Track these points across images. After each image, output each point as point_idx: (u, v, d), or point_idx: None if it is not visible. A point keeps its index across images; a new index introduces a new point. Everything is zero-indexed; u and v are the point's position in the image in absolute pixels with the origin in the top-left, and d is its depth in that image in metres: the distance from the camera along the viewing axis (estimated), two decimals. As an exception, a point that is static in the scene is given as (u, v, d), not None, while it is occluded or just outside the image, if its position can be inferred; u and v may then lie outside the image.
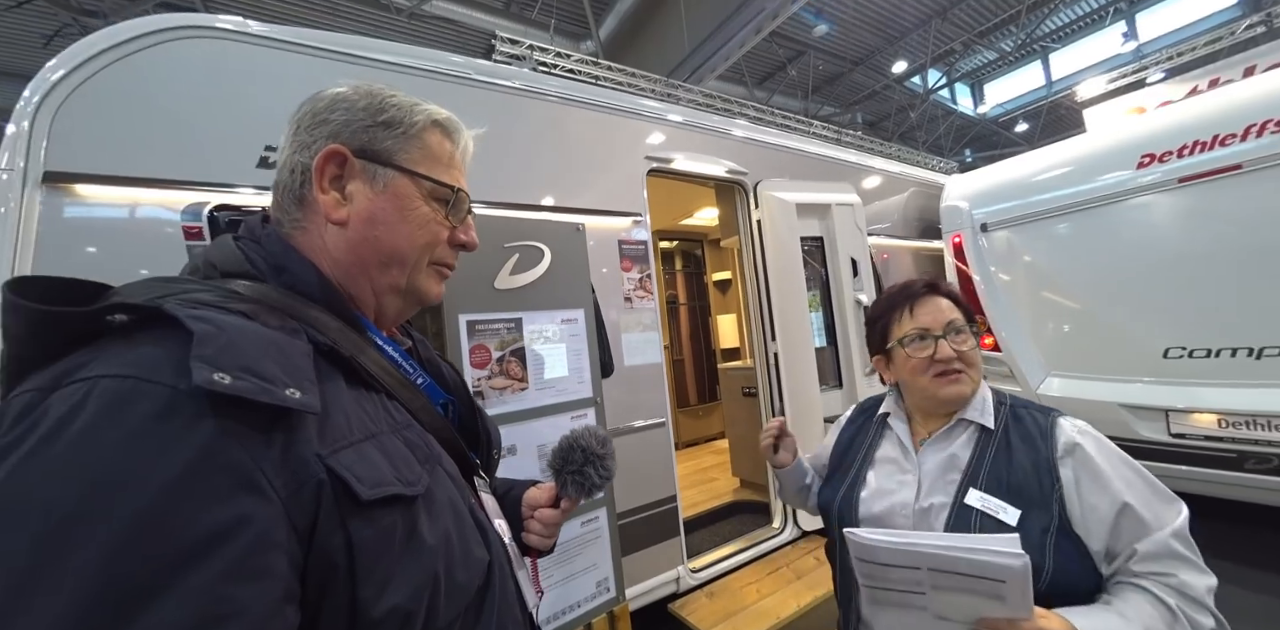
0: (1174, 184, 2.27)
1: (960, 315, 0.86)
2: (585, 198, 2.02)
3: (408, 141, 0.52)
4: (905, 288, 0.91)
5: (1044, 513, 0.72)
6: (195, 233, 1.38)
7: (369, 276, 0.52)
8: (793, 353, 2.46)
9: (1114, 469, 0.72)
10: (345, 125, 0.50)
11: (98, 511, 0.28)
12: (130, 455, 0.30)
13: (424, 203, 0.53)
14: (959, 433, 0.84)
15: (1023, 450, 0.77)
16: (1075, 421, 0.78)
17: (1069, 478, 0.73)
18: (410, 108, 0.53)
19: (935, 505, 0.80)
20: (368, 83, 0.54)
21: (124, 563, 0.28)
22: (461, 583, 0.43)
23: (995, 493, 0.76)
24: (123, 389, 0.32)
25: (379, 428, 0.44)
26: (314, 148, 0.50)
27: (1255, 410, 2.02)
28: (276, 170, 0.53)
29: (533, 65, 4.61)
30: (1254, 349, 2.09)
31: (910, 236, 3.47)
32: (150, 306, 0.36)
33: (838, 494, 0.93)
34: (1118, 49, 7.96)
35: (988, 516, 0.74)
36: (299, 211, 0.51)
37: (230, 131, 1.40)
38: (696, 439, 4.63)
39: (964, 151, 11.42)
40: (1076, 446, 0.74)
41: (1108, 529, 0.70)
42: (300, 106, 0.53)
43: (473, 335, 1.45)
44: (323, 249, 0.51)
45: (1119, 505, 0.69)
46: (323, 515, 0.35)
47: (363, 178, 0.51)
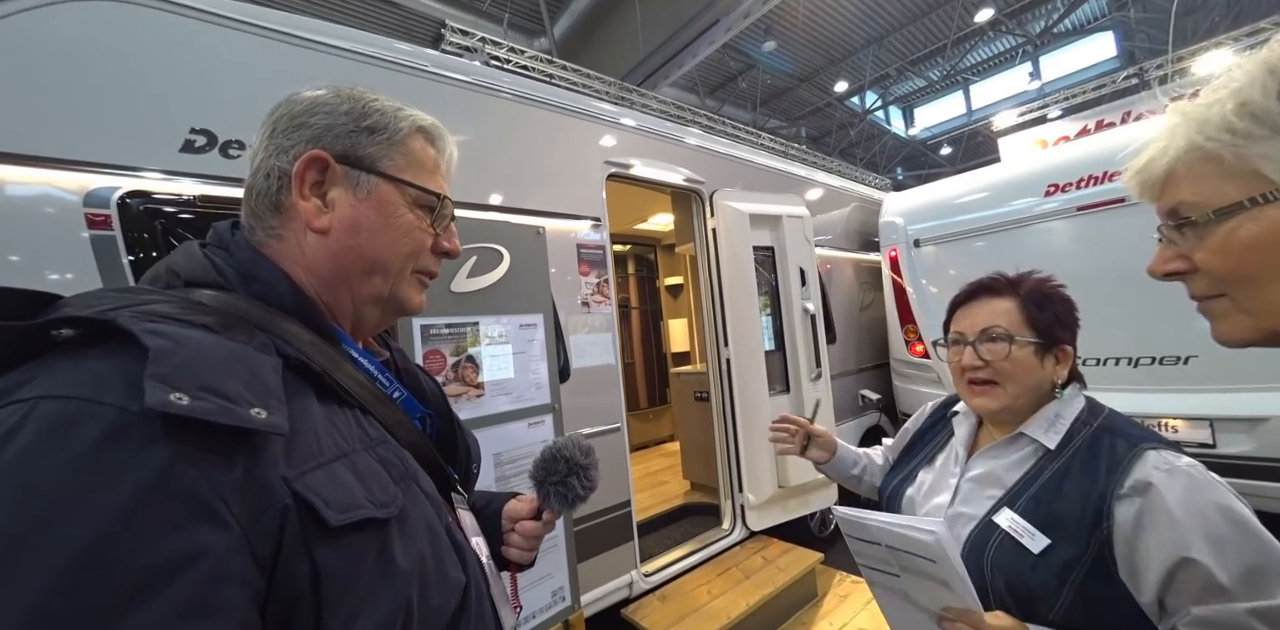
0: (1073, 212, 2.57)
1: (1006, 322, 0.78)
2: (544, 200, 1.99)
3: (392, 148, 0.50)
4: (969, 285, 0.86)
5: (1075, 547, 0.66)
6: (101, 221, 1.22)
7: (350, 286, 0.50)
8: (744, 359, 2.54)
9: (1196, 518, 0.60)
10: (326, 130, 0.48)
11: (34, 545, 0.26)
12: (72, 483, 0.28)
13: (408, 210, 0.51)
14: (1018, 447, 0.78)
15: (1079, 478, 0.69)
16: (1170, 458, 0.66)
17: (1126, 518, 0.64)
18: (394, 113, 0.51)
19: (965, 515, 0.77)
20: (347, 85, 0.51)
21: (64, 601, 0.26)
22: (436, 607, 0.41)
23: (1030, 516, 0.70)
24: (66, 411, 0.30)
25: (351, 446, 0.42)
26: (293, 152, 0.47)
27: (1134, 412, 2.32)
28: (249, 174, 0.50)
29: (485, 59, 4.48)
30: (1132, 358, 2.40)
31: (851, 249, 3.68)
32: (100, 320, 0.33)
33: (890, 485, 0.93)
34: (1025, 86, 8.88)
35: (1009, 537, 0.70)
36: (275, 218, 0.48)
37: (149, 110, 1.25)
38: (646, 442, 4.66)
39: (896, 170, 12.28)
40: (1150, 486, 0.64)
41: (1158, 581, 0.60)
42: (274, 109, 0.50)
43: (427, 340, 1.38)
44: (300, 258, 0.48)
45: (1177, 559, 0.59)
46: (287, 542, 0.33)
47: (345, 184, 0.49)
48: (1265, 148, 0.36)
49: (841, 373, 3.25)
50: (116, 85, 1.21)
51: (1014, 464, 0.78)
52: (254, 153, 0.50)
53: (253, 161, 0.50)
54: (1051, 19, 7.96)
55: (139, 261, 1.20)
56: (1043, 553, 0.67)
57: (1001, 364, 0.77)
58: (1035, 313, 0.78)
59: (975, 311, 0.82)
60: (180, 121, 1.28)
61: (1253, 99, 0.36)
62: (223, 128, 1.32)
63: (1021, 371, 0.77)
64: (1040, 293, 0.80)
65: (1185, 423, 2.24)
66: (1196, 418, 2.21)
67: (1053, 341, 0.78)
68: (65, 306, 0.36)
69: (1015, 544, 0.69)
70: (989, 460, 0.81)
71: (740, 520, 2.55)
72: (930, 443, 0.94)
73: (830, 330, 3.16)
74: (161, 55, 1.27)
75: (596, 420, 2.03)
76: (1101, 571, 0.64)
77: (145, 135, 1.25)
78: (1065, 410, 0.77)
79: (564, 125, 2.11)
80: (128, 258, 1.19)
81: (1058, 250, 2.64)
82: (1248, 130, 0.36)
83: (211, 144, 1.31)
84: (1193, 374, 2.24)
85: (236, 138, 1.34)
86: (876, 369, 3.61)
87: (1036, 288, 0.81)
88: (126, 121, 1.22)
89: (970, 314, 0.83)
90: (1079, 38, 8.57)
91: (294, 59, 1.45)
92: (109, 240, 1.19)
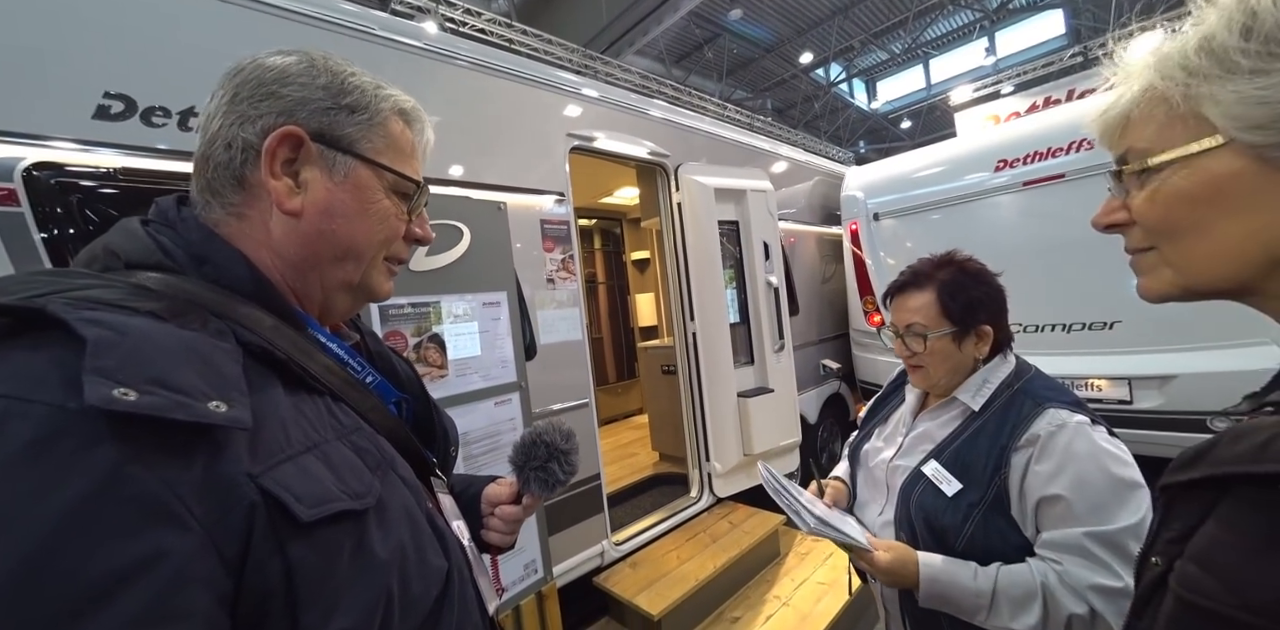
0: (1019, 187, 2.68)
1: (924, 318, 0.88)
2: (505, 174, 1.92)
3: (371, 129, 0.47)
4: (898, 276, 0.95)
5: (978, 490, 0.79)
6: (4, 196, 1.11)
7: (320, 272, 0.47)
8: (710, 332, 2.58)
9: (1071, 464, 0.74)
10: (300, 103, 0.44)
11: None
12: (6, 490, 0.26)
13: (385, 196, 0.49)
14: (951, 409, 0.91)
15: (992, 434, 0.82)
16: (1064, 415, 0.78)
17: (1019, 465, 0.77)
18: (374, 92, 0.48)
19: (901, 466, 0.92)
20: (319, 52, 0.47)
21: (10, 616, 0.24)
22: (417, 595, 0.41)
23: (950, 466, 0.84)
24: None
25: (322, 435, 0.40)
26: (260, 123, 0.43)
27: (1065, 374, 2.51)
28: (203, 143, 0.45)
29: (439, 21, 4.19)
30: (1066, 324, 2.58)
31: (814, 222, 3.74)
32: (27, 308, 0.30)
33: (853, 442, 1.09)
34: (981, 61, 9.04)
35: (931, 483, 0.84)
36: (237, 195, 0.45)
37: (53, 72, 1.12)
38: (615, 416, 4.73)
39: (859, 143, 12.43)
40: (1039, 438, 0.77)
41: (1033, 512, 0.76)
42: (234, 72, 0.45)
43: (386, 321, 1.34)
44: (265, 239, 0.45)
45: (1046, 494, 0.74)
46: (256, 541, 0.32)
47: (320, 165, 0.46)
48: (1213, 87, 0.33)
49: (804, 343, 3.36)
50: (13, 42, 1.08)
51: (945, 423, 0.91)
52: (208, 118, 0.45)
53: (206, 128, 0.45)
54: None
55: (53, 239, 1.10)
56: (954, 496, 0.81)
57: (923, 355, 0.90)
58: (949, 303, 0.88)
59: (901, 306, 0.93)
60: (92, 84, 1.16)
61: (1215, 33, 0.33)
62: (143, 93, 1.20)
63: (940, 358, 0.89)
64: (955, 281, 0.89)
65: (1108, 382, 2.44)
66: (1118, 377, 2.41)
67: (969, 325, 0.88)
68: None
69: (935, 488, 0.83)
70: (927, 421, 0.94)
71: (708, 488, 2.65)
72: (887, 406, 1.09)
73: (793, 302, 3.24)
74: (64, 10, 1.13)
75: (565, 396, 2.04)
76: (999, 509, 0.79)
77: (51, 99, 1.12)
78: (992, 376, 0.89)
79: (525, 96, 2.02)
80: (40, 235, 1.09)
81: (1005, 224, 2.77)
82: (1201, 68, 0.33)
83: (131, 110, 1.19)
84: (1117, 338, 2.43)
85: (160, 104, 1.22)
86: (837, 339, 3.75)
87: (953, 276, 0.90)
88: (26, 83, 1.09)
89: (898, 308, 0.94)
90: (1032, 14, 8.74)
91: (224, 19, 1.32)
92: (15, 217, 1.08)
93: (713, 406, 2.58)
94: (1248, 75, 0.31)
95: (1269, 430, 0.31)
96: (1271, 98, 0.30)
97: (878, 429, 1.06)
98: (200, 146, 0.45)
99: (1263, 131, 0.31)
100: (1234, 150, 0.33)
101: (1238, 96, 0.32)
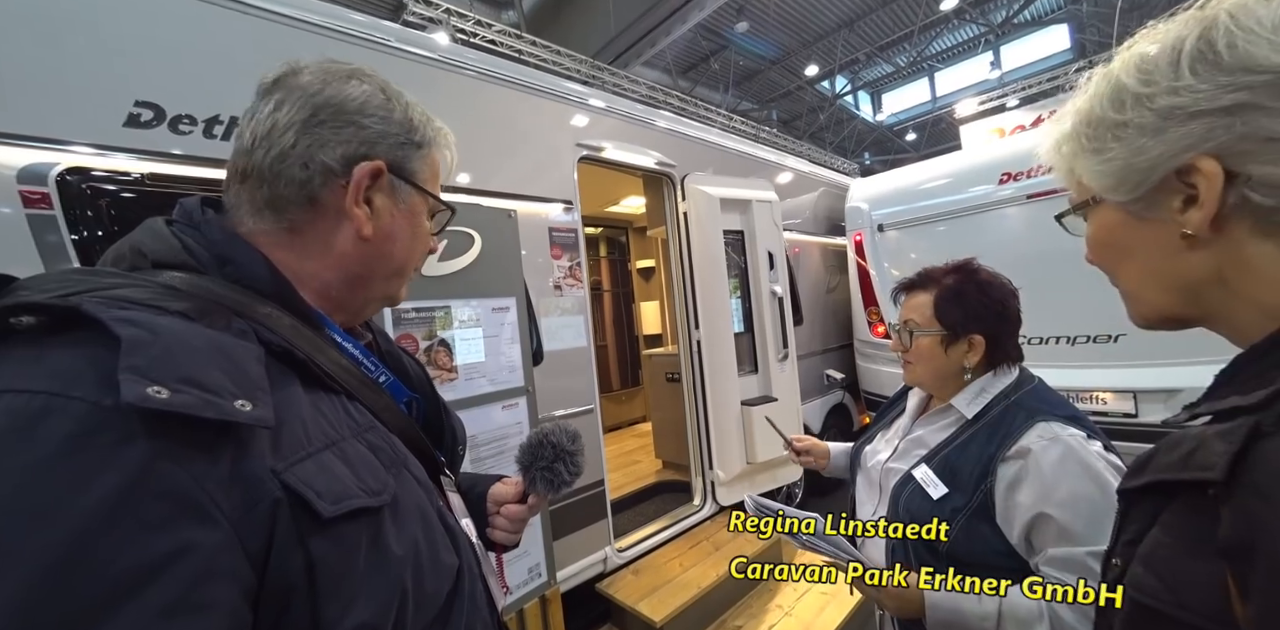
0: (1024, 199, 2.70)
1: (918, 316, 0.93)
2: (515, 182, 1.96)
3: (423, 162, 0.52)
4: (912, 275, 0.98)
5: (963, 496, 0.81)
6: (38, 199, 1.15)
7: (369, 288, 0.51)
8: (714, 341, 2.60)
9: (1062, 481, 0.74)
10: (382, 136, 0.48)
11: (8, 548, 0.25)
12: (45, 483, 0.27)
13: (427, 219, 0.54)
14: (946, 416, 0.93)
15: (982, 443, 0.84)
16: (1056, 429, 0.79)
17: (1006, 476, 0.79)
18: (429, 124, 0.53)
19: (894, 469, 0.94)
20: (381, 78, 0.51)
21: (41, 606, 0.25)
22: (431, 591, 0.42)
23: (939, 471, 0.86)
24: (32, 406, 0.28)
25: (339, 433, 0.41)
26: (341, 150, 0.46)
27: (1069, 387, 2.50)
28: (264, 154, 0.45)
29: (450, 31, 4.29)
30: (1070, 337, 2.58)
31: (819, 233, 3.77)
32: (64, 307, 0.31)
33: (856, 446, 1.12)
34: (986, 74, 9.12)
35: (919, 486, 0.86)
36: (305, 213, 0.47)
37: (87, 81, 1.17)
38: (620, 423, 4.73)
39: (864, 154, 12.51)
40: (1029, 452, 0.78)
41: (1023, 527, 0.76)
42: (305, 86, 0.46)
43: (399, 324, 1.37)
44: (319, 255, 0.48)
45: (1036, 512, 0.74)
46: (279, 535, 0.33)
47: (389, 194, 0.50)
48: (1075, 162, 0.41)
49: (808, 353, 3.37)
50: (51, 53, 1.13)
51: (940, 429, 0.93)
52: (275, 130, 0.45)
53: (270, 139, 0.45)
54: (1012, 9, 8.16)
55: (82, 240, 1.14)
56: (939, 499, 0.83)
57: (910, 352, 0.95)
58: (944, 308, 0.91)
59: (906, 304, 0.98)
60: (124, 94, 1.20)
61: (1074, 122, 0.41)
62: (171, 102, 1.25)
63: (925, 356, 0.93)
64: (956, 288, 0.91)
65: (1113, 395, 2.44)
66: (1123, 390, 2.41)
67: (959, 332, 0.90)
68: (21, 290, 0.33)
69: (922, 491, 0.86)
70: (924, 426, 0.97)
71: (710, 496, 2.65)
72: (891, 411, 1.11)
73: (797, 312, 3.25)
74: (99, 23, 1.18)
75: (570, 402, 2.06)
76: (983, 515, 0.80)
77: (85, 108, 1.16)
78: (991, 386, 0.90)
79: (535, 106, 2.06)
80: (71, 237, 1.13)
81: (1011, 236, 2.78)
82: (1070, 147, 0.41)
83: (159, 119, 1.23)
84: (1121, 351, 2.43)
85: (187, 112, 1.27)
86: (841, 349, 3.75)
87: (958, 283, 0.92)
88: (63, 92, 1.14)
89: (903, 305, 0.98)
90: (1037, 28, 8.82)
91: (247, 30, 1.37)
92: (48, 219, 1.12)
93: (716, 414, 2.58)
94: (1092, 153, 0.39)
95: (1193, 441, 0.33)
96: (1108, 170, 0.38)
97: (880, 433, 1.09)
98: (257, 155, 0.45)
99: (1114, 192, 0.39)
100: (1109, 205, 0.40)
101: (1087, 167, 0.40)
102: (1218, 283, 0.36)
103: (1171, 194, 0.36)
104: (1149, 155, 0.35)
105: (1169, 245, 0.37)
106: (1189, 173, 0.34)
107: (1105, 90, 0.38)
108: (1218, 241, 0.35)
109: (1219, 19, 0.33)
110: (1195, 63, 0.33)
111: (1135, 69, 0.36)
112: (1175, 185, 0.35)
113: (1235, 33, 0.32)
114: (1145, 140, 0.35)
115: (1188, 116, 0.33)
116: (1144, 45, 0.36)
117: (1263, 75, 0.31)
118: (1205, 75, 0.32)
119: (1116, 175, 0.38)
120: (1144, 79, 0.35)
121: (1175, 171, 0.35)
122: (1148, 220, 0.38)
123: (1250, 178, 0.32)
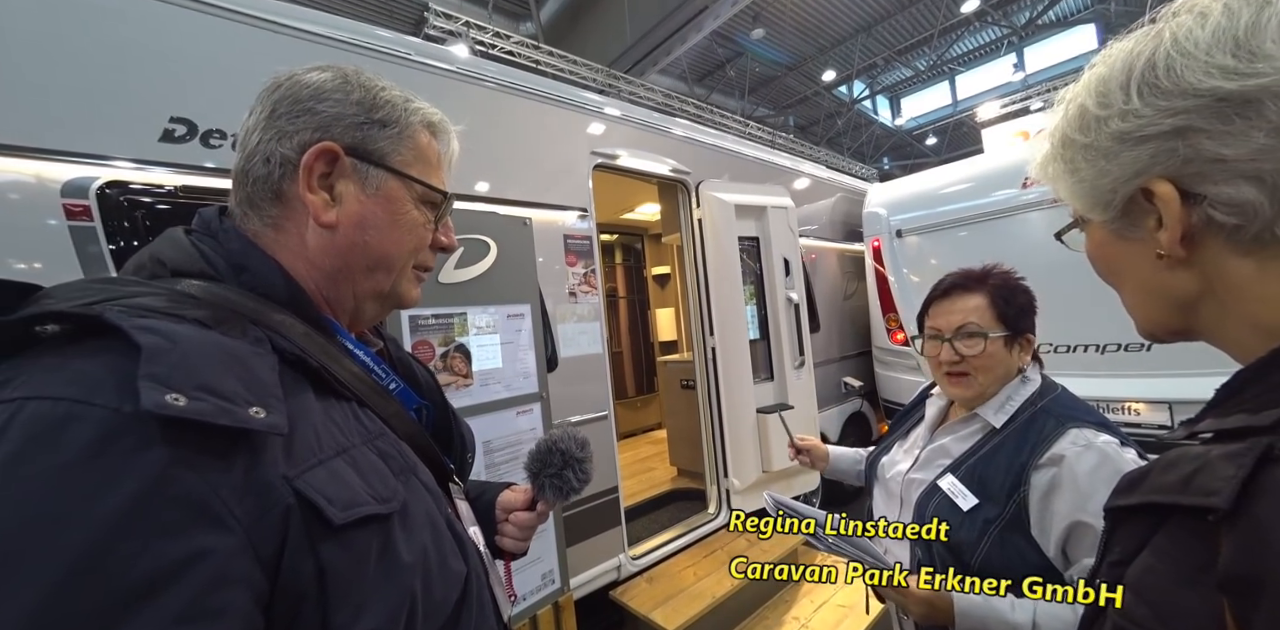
0: (1049, 204, 2.63)
1: (979, 318, 0.86)
2: (531, 191, 1.99)
3: (400, 142, 0.49)
4: (941, 282, 0.93)
5: (996, 507, 0.78)
6: (80, 212, 1.21)
7: (353, 281, 0.49)
8: (729, 348, 2.58)
9: (1099, 488, 0.71)
10: (335, 119, 0.46)
11: (27, 554, 0.26)
12: (65, 489, 0.27)
13: (414, 207, 0.51)
14: (970, 424, 0.90)
15: (1011, 452, 0.81)
16: (1089, 435, 0.76)
17: (1040, 484, 0.76)
18: (404, 105, 0.50)
19: (918, 480, 0.91)
20: (351, 68, 0.50)
21: (59, 610, 0.25)
22: (439, 598, 0.42)
23: (966, 481, 0.82)
24: (55, 413, 0.29)
25: (350, 441, 0.41)
26: (297, 139, 0.45)
27: (1099, 396, 2.42)
28: (242, 157, 0.47)
29: (470, 43, 4.40)
30: (1100, 345, 2.49)
31: (836, 239, 3.73)
32: (87, 315, 0.32)
33: (872, 456, 1.08)
34: (1009, 77, 8.95)
35: (947, 497, 0.83)
36: (275, 208, 0.47)
37: (126, 99, 1.23)
38: (635, 430, 4.71)
39: (883, 159, 12.35)
40: (1063, 459, 0.75)
41: (1060, 537, 0.73)
42: (272, 87, 0.48)
43: (416, 331, 1.40)
44: (301, 250, 0.47)
45: (1074, 521, 0.72)
46: (291, 542, 0.33)
47: (353, 178, 0.47)
48: (1057, 184, 0.42)
49: (825, 360, 3.32)
50: (91, 73, 1.19)
51: (963, 438, 0.90)
52: (246, 133, 0.47)
53: (245, 143, 0.47)
54: (1036, 10, 8.00)
55: (119, 250, 1.19)
56: (970, 510, 0.80)
57: (976, 358, 0.86)
58: (1003, 307, 0.87)
59: (950, 309, 0.90)
60: (159, 110, 1.26)
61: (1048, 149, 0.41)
62: (203, 117, 1.30)
63: (994, 363, 0.86)
64: (1006, 287, 0.88)
65: (1146, 406, 2.34)
66: (1157, 401, 2.31)
67: (1018, 331, 0.87)
68: (46, 299, 0.34)
69: (950, 502, 0.82)
70: (946, 435, 0.93)
71: (726, 504, 2.62)
72: (908, 420, 1.07)
73: (814, 319, 3.22)
74: (136, 42, 1.24)
75: (585, 408, 2.07)
76: (1017, 527, 0.77)
77: (123, 124, 1.23)
78: (1016, 394, 0.87)
79: (551, 115, 2.10)
80: (109, 247, 1.18)
81: (1035, 241, 2.71)
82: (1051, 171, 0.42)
83: (192, 133, 1.29)
84: (1155, 360, 2.33)
85: (218, 127, 1.32)
86: (859, 356, 3.69)
87: (1003, 282, 0.89)
88: (103, 110, 1.20)
89: (945, 311, 0.90)
90: (1062, 30, 8.63)
91: (274, 47, 1.43)
92: (89, 231, 1.18)
93: (732, 422, 2.56)
94: (1069, 174, 0.40)
95: (1194, 462, 0.32)
96: (1080, 191, 0.40)
97: (897, 443, 1.05)
98: (239, 161, 0.47)
99: (1091, 212, 0.40)
100: (1094, 224, 0.41)
101: (1066, 187, 0.41)
102: (1211, 298, 0.35)
103: (1145, 214, 0.36)
104: (1110, 178, 0.36)
105: (1154, 263, 0.37)
106: (1150, 195, 0.34)
107: (1074, 112, 0.39)
108: (1198, 259, 0.34)
109: (1163, 40, 0.33)
110: (1142, 86, 0.33)
111: (1095, 92, 0.36)
112: (1145, 206, 0.35)
113: (1174, 57, 0.32)
114: (1104, 163, 0.36)
115: (1136, 141, 0.34)
116: (1101, 67, 0.37)
117: (1200, 99, 0.31)
118: (1149, 100, 0.33)
119: (1088, 196, 0.39)
120: (1102, 102, 0.36)
121: (1141, 192, 0.35)
122: (1129, 239, 0.38)
123: (1206, 197, 0.32)
